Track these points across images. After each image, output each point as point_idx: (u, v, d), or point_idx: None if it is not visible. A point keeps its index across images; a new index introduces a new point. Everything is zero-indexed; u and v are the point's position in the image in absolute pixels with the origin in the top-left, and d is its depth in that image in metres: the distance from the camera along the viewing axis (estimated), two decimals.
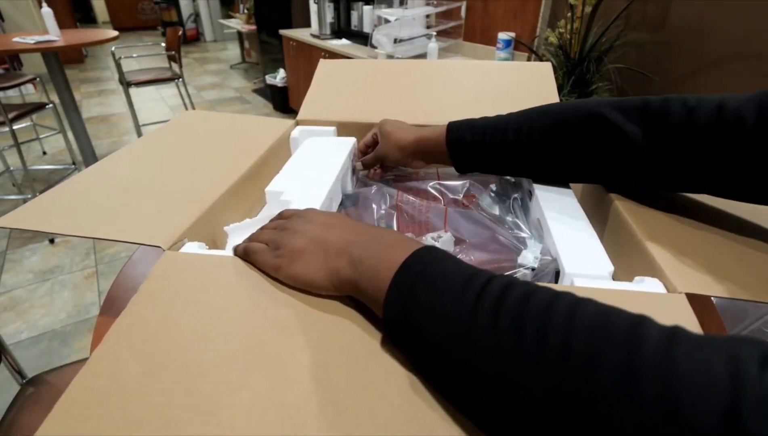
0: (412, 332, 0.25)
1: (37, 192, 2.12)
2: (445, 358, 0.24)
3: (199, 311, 0.30)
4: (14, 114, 1.96)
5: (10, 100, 2.64)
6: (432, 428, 0.23)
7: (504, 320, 0.22)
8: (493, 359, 0.21)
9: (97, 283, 1.67)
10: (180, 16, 6.71)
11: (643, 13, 1.51)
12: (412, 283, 0.26)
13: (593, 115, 0.40)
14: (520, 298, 0.23)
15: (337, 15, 2.79)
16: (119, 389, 0.25)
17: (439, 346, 0.24)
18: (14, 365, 0.82)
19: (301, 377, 0.25)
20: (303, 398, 0.24)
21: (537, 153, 0.45)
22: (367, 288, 0.29)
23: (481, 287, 0.24)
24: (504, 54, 1.94)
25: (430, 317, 0.25)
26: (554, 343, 0.20)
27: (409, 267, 0.27)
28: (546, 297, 0.22)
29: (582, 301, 0.22)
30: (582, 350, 0.19)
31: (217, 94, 4.18)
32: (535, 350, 0.20)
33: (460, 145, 0.49)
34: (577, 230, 0.41)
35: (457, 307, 0.24)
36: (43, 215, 0.41)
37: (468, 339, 0.23)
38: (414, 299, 0.26)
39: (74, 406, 0.24)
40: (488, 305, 0.23)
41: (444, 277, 0.26)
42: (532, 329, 0.21)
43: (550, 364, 0.20)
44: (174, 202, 0.43)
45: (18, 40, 2.06)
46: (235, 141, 0.59)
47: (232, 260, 0.35)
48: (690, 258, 0.35)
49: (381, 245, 0.30)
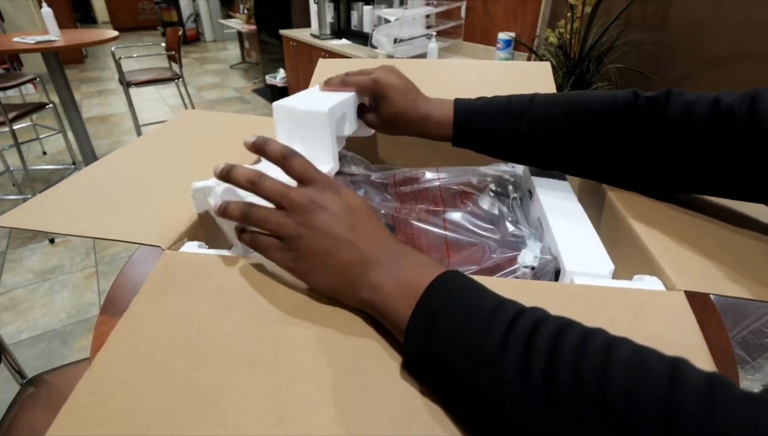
0: (434, 364, 0.24)
1: (37, 192, 2.12)
2: (470, 393, 0.23)
3: (201, 312, 0.30)
4: (14, 114, 1.96)
5: (10, 100, 2.65)
6: (433, 428, 0.23)
7: (536, 362, 0.21)
8: (523, 402, 0.21)
9: (97, 283, 1.67)
10: (180, 16, 6.71)
11: (643, 13, 1.51)
12: (434, 312, 0.25)
13: (611, 113, 0.40)
14: (552, 336, 0.22)
15: (337, 15, 2.79)
16: (124, 392, 0.25)
17: (464, 381, 0.23)
18: (14, 365, 0.82)
19: (305, 377, 0.25)
20: (307, 398, 0.24)
21: (549, 147, 0.44)
22: (387, 312, 0.27)
23: (511, 321, 0.23)
24: (504, 54, 1.94)
25: (455, 350, 0.23)
26: (589, 391, 0.19)
27: (432, 294, 0.26)
28: (578, 336, 0.22)
29: (616, 342, 0.21)
30: (619, 403, 0.18)
31: (217, 94, 4.18)
32: (569, 397, 0.20)
33: (468, 131, 0.47)
34: (577, 229, 0.41)
35: (484, 342, 0.23)
36: (43, 215, 0.41)
37: (496, 378, 0.22)
38: (437, 329, 0.24)
39: (80, 409, 0.24)
40: (518, 343, 0.22)
41: (469, 307, 0.25)
42: (566, 373, 0.20)
43: (584, 411, 0.19)
44: (174, 201, 0.43)
45: (18, 40, 2.07)
46: (235, 141, 0.59)
47: (232, 260, 0.35)
48: (688, 255, 0.35)
49: (403, 265, 0.29)
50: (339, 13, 2.78)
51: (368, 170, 0.64)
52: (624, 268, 0.39)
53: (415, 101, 0.48)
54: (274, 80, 3.40)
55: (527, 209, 0.50)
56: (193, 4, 6.66)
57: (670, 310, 0.30)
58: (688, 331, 0.28)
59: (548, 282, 0.33)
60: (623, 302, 0.30)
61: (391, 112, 0.48)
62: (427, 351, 0.25)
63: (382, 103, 0.48)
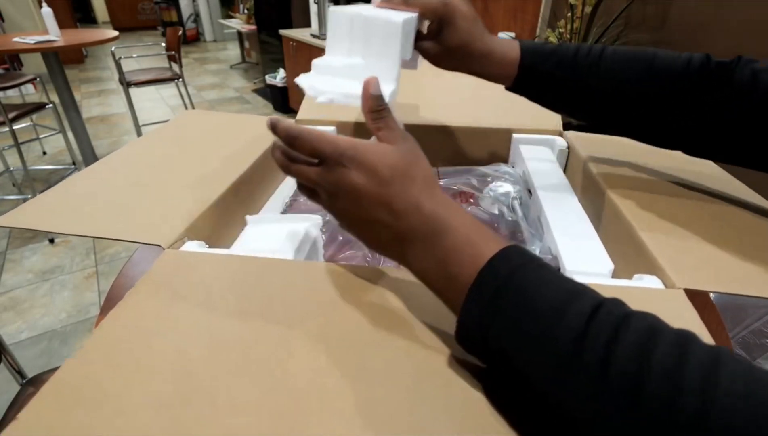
0: (493, 350, 0.23)
1: (37, 192, 2.12)
2: (532, 386, 0.21)
3: (195, 307, 0.30)
4: (14, 114, 1.96)
5: (10, 100, 2.64)
6: (435, 427, 0.23)
7: (620, 364, 0.18)
8: (598, 407, 0.18)
9: (97, 283, 1.67)
10: (180, 16, 6.71)
11: (643, 13, 1.51)
12: (497, 288, 0.23)
13: (684, 76, 0.39)
14: (642, 335, 0.19)
15: None
16: (109, 377, 0.25)
17: (527, 373, 0.21)
18: (14, 365, 0.82)
19: (300, 374, 0.25)
20: (300, 396, 0.24)
21: (616, 105, 0.41)
22: (439, 284, 0.26)
23: (592, 312, 0.20)
24: None
25: (518, 336, 0.21)
26: (690, 410, 0.17)
27: (495, 268, 0.24)
28: (672, 340, 0.19)
29: (723, 354, 0.18)
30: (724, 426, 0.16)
31: (217, 94, 4.18)
32: (660, 413, 0.17)
33: (534, 74, 0.43)
34: (577, 228, 0.41)
35: (556, 332, 0.20)
36: (42, 215, 0.41)
37: (567, 375, 0.19)
38: (499, 309, 0.22)
39: (64, 388, 0.24)
40: (600, 339, 0.19)
41: (540, 289, 0.22)
42: (658, 382, 0.17)
43: (679, 431, 0.17)
44: (174, 201, 0.43)
45: (18, 40, 2.07)
46: (235, 141, 0.59)
47: (232, 259, 0.36)
48: (688, 254, 0.35)
49: (443, 246, 0.26)
50: None
51: None
52: (624, 267, 0.39)
53: (482, 34, 0.43)
54: (274, 80, 3.39)
55: (527, 209, 0.50)
56: (193, 4, 6.66)
57: (670, 308, 0.30)
58: (692, 327, 0.28)
59: None
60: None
61: (455, 42, 0.42)
62: (485, 334, 0.23)
63: (447, 29, 0.42)
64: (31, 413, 0.23)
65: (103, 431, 0.22)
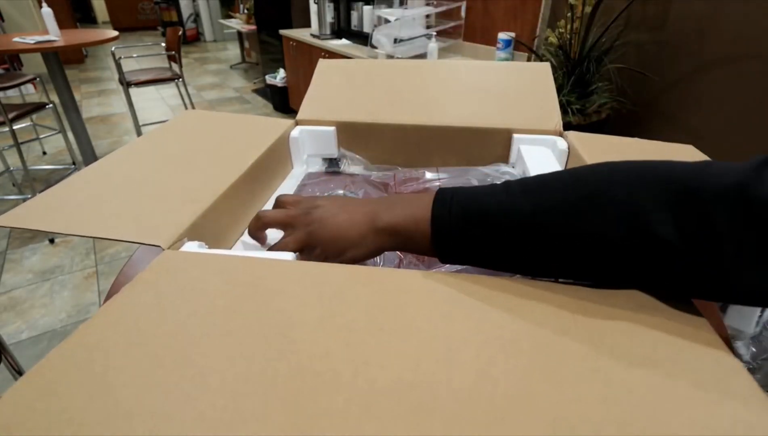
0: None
1: (37, 192, 2.12)
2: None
3: (189, 302, 0.30)
4: (14, 114, 1.96)
5: (10, 100, 2.64)
6: (433, 427, 0.23)
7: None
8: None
9: (97, 283, 1.67)
10: (180, 16, 6.71)
11: (643, 13, 1.51)
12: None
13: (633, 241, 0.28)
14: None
15: (337, 15, 2.79)
16: (98, 358, 0.25)
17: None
18: (14, 365, 0.82)
19: (300, 375, 0.25)
20: (300, 395, 0.24)
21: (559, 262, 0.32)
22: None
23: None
24: (504, 54, 1.94)
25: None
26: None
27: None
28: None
29: None
30: None
31: (217, 94, 4.19)
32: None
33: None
34: None
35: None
36: (43, 215, 0.41)
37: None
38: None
39: (50, 371, 0.25)
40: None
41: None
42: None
43: None
44: (173, 201, 0.43)
45: (18, 40, 2.07)
46: (235, 141, 0.59)
47: (231, 259, 0.35)
48: None
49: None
50: (339, 13, 2.78)
51: (368, 170, 0.64)
52: None
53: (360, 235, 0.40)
54: (274, 80, 3.40)
55: None
56: (193, 4, 6.66)
57: (670, 304, 0.30)
58: (691, 322, 0.28)
59: (548, 281, 0.33)
60: (622, 299, 0.30)
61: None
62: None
63: None
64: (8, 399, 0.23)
65: (86, 424, 0.22)
